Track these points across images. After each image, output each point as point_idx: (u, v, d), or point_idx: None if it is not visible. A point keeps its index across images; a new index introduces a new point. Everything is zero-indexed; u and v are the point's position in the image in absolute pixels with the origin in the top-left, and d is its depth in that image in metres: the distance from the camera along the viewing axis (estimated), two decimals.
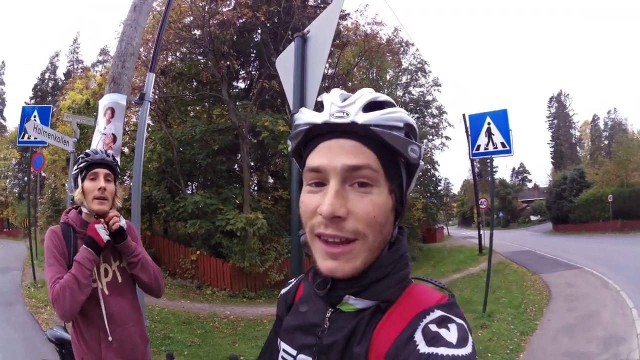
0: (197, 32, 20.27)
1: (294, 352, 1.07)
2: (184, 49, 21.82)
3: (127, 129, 21.75)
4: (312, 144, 0.99)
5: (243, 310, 13.66)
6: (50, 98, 55.36)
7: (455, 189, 76.21)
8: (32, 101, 57.05)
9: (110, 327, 2.47)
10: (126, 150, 20.48)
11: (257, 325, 11.44)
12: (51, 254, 2.47)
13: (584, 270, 15.94)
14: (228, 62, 18.84)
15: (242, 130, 18.35)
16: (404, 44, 28.57)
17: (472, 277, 17.87)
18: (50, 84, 59.87)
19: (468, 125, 12.55)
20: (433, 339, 0.85)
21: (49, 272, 2.44)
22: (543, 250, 24.49)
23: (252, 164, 21.56)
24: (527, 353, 7.63)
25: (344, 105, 0.95)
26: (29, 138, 9.58)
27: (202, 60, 21.56)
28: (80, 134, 10.89)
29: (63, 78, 57.18)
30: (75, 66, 57.96)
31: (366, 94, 0.97)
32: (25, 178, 20.75)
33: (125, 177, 19.76)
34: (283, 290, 1.28)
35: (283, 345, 1.12)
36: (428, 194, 34.57)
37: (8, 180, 52.73)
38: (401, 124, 0.93)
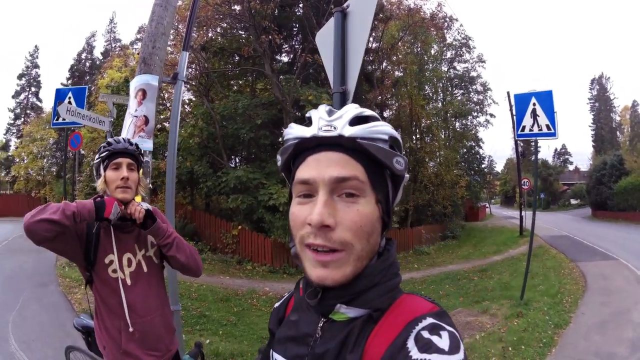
0: (237, 8, 20.14)
1: None
2: (225, 25, 21.71)
3: (167, 104, 21.95)
4: (301, 158, 1.01)
5: (282, 287, 13.49)
6: (88, 77, 56.29)
7: (499, 167, 75.44)
8: (69, 82, 57.74)
9: (132, 317, 2.46)
10: (167, 125, 20.55)
11: None
12: None
13: (619, 263, 15.43)
14: (270, 37, 18.67)
15: (285, 105, 18.18)
16: (447, 19, 28.57)
17: (512, 261, 17.43)
18: (87, 64, 60.66)
19: (513, 104, 12.20)
20: (425, 346, 0.85)
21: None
22: (581, 237, 23.91)
23: None
24: (558, 348, 7.35)
25: (331, 120, 0.98)
26: (63, 120, 9.60)
27: (243, 35, 21.46)
28: (120, 112, 10.83)
29: (101, 57, 58.34)
30: (113, 45, 58.80)
31: (352, 109, 1.00)
32: (64, 157, 21.16)
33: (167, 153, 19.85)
34: (276, 305, 1.29)
35: (275, 356, 1.13)
36: (472, 172, 34.38)
37: (45, 160, 53.73)
38: (386, 137, 0.97)
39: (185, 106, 23.31)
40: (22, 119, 60.44)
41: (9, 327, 7.68)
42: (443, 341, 0.86)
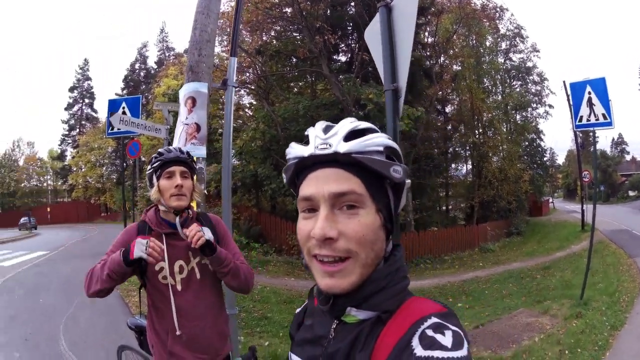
0: (288, 10, 20.27)
1: None
2: (278, 27, 21.82)
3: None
4: (302, 175, 1.04)
5: None
6: (144, 87, 58.43)
7: (560, 159, 73.89)
8: (124, 91, 60.28)
9: (180, 321, 2.51)
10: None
11: None
12: (113, 246, 2.57)
13: None
14: (324, 37, 18.64)
15: (346, 104, 18.08)
16: (498, 9, 28.07)
17: (574, 257, 16.79)
18: (142, 74, 62.88)
19: (569, 93, 11.74)
20: (429, 343, 0.87)
21: (102, 259, 2.53)
22: (639, 230, 22.84)
23: None
24: (612, 352, 6.92)
25: (326, 137, 1.00)
26: (118, 129, 9.75)
27: (297, 37, 21.50)
28: (176, 120, 10.87)
29: (155, 66, 60.36)
30: (167, 54, 60.58)
31: (347, 124, 1.02)
32: (124, 164, 21.70)
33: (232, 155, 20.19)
34: (297, 310, 1.32)
35: (293, 357, 1.18)
36: (534, 165, 33.59)
37: (104, 168, 56.18)
38: (381, 148, 0.99)
39: (246, 110, 23.64)
40: (77, 130, 62.96)
41: (60, 329, 7.84)
42: (446, 339, 0.87)
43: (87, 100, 65.11)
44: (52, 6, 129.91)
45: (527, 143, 32.87)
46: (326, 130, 1.02)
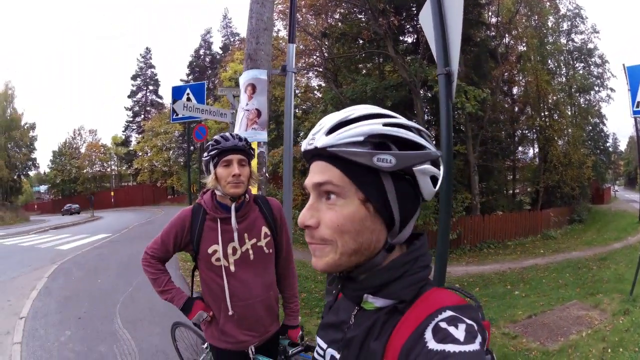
0: None
1: (324, 346, 1.20)
2: (342, 10, 21.77)
3: (297, 91, 22.27)
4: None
5: None
6: (210, 72, 60.03)
7: (622, 146, 70.97)
8: (190, 77, 61.59)
9: (232, 301, 2.61)
10: (299, 112, 21.39)
11: None
12: (166, 232, 2.71)
13: None
14: (388, 19, 18.49)
15: (413, 86, 17.97)
16: None
17: (629, 249, 15.94)
18: (207, 59, 63.83)
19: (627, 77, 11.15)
20: (442, 336, 0.86)
21: (154, 241, 2.79)
22: None
23: (428, 118, 21.11)
24: None
25: (314, 133, 1.03)
26: (183, 115, 9.88)
27: (362, 19, 21.36)
28: None
29: (220, 52, 61.34)
30: (231, 39, 61.30)
31: (335, 116, 1.02)
32: (192, 147, 22.13)
33: (299, 139, 20.57)
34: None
35: (318, 341, 1.24)
36: (597, 151, 32.67)
37: (171, 152, 57.27)
38: (361, 138, 0.97)
39: (315, 92, 23.95)
40: (142, 116, 64.46)
41: (117, 308, 8.09)
42: (459, 332, 0.86)
43: (151, 87, 66.85)
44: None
45: (590, 127, 31.93)
46: (320, 125, 1.04)
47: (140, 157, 59.18)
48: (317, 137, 1.01)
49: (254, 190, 2.79)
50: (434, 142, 1.07)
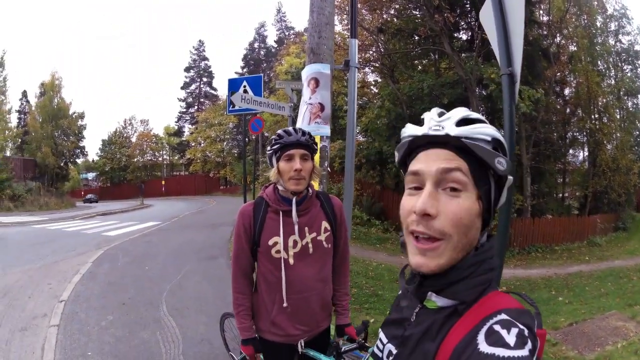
0: None
1: (385, 341, 1.21)
2: (397, 5, 21.76)
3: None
4: (414, 154, 1.10)
5: None
6: (265, 65, 60.77)
7: None
8: (245, 70, 62.82)
9: (288, 293, 2.60)
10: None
11: None
12: (237, 235, 2.69)
13: None
14: (443, 15, 18.59)
15: (469, 84, 17.97)
16: None
17: None
18: (261, 52, 65.02)
19: None
20: (493, 340, 0.88)
21: (234, 260, 2.75)
22: None
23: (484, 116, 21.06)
24: None
25: (440, 121, 1.05)
26: (239, 107, 9.97)
27: (418, 15, 21.36)
28: (300, 97, 11.02)
29: (275, 45, 62.17)
30: (286, 33, 62.20)
31: (460, 111, 1.07)
32: (247, 139, 22.51)
33: (355, 133, 20.60)
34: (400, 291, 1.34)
35: (381, 335, 1.25)
36: None
37: (225, 143, 57.97)
38: (489, 138, 1.02)
39: (371, 87, 23.92)
40: (196, 107, 65.82)
41: (163, 295, 8.09)
42: (510, 337, 0.87)
43: (205, 79, 67.99)
44: None
45: (637, 132, 30.63)
46: (440, 114, 1.08)
47: (193, 147, 60.05)
48: (447, 125, 1.03)
49: (315, 185, 2.82)
50: None
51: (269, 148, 2.62)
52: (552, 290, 11.72)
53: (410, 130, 1.11)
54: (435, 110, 1.10)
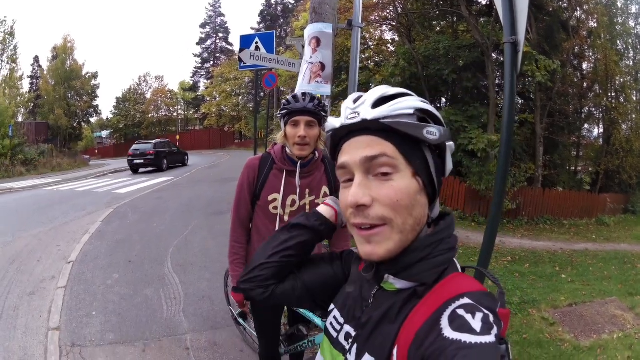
0: None
1: (342, 321, 1.20)
2: None
3: (370, 44, 22.64)
4: (339, 146, 1.09)
5: (467, 236, 13.32)
6: (282, 20, 60.97)
7: None
8: (261, 25, 62.48)
9: None
10: (371, 64, 21.69)
11: (474, 255, 10.72)
12: (240, 188, 2.83)
13: None
14: None
15: (485, 48, 17.81)
16: None
17: None
18: (279, 8, 64.28)
19: None
20: (458, 325, 0.86)
21: (234, 209, 2.89)
22: None
23: (499, 82, 20.81)
24: None
25: (355, 107, 1.04)
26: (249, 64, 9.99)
27: None
28: None
29: (292, 1, 61.67)
30: None
31: (375, 92, 1.04)
32: (262, 94, 22.61)
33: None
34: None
35: (335, 313, 1.25)
36: None
37: (240, 97, 58.02)
38: (411, 111, 0.99)
39: (389, 45, 23.83)
40: (212, 62, 65.84)
41: (169, 252, 8.37)
42: (476, 322, 0.86)
43: (220, 35, 67.94)
44: None
45: None
46: (356, 100, 1.06)
47: (208, 102, 60.09)
48: (363, 110, 1.02)
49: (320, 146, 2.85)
50: None
51: (278, 112, 2.71)
52: (556, 266, 11.61)
53: (330, 122, 1.11)
54: (352, 97, 1.09)
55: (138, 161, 26.17)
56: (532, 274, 10.25)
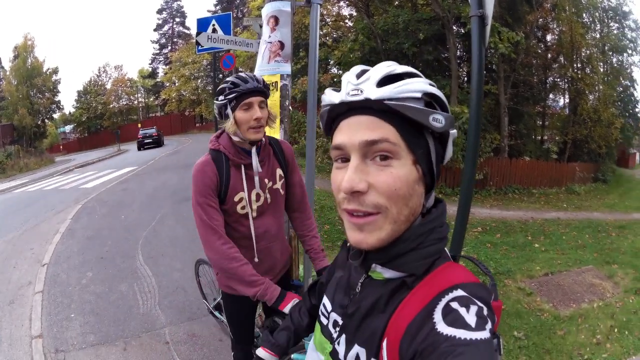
0: None
1: (330, 308, 1.19)
2: None
3: (327, 20, 22.65)
4: (336, 123, 1.01)
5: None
6: (238, 1, 59.71)
7: None
8: (218, 7, 61.70)
9: (258, 248, 2.60)
10: (329, 40, 21.98)
11: None
12: (200, 194, 2.44)
13: None
14: None
15: (446, 21, 17.89)
16: None
17: None
18: None
19: None
20: (452, 319, 0.84)
21: (204, 226, 2.43)
22: None
23: (460, 54, 21.00)
24: None
25: (358, 83, 0.95)
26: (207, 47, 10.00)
27: None
28: None
29: None
30: None
31: (382, 68, 0.96)
32: (220, 76, 22.55)
33: (329, 66, 21.68)
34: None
35: (324, 300, 1.24)
36: (627, 114, 32.07)
37: (199, 80, 57.49)
38: (418, 95, 0.92)
39: (346, 21, 23.96)
40: (169, 48, 65.41)
41: (139, 244, 8.40)
42: (470, 316, 0.83)
43: (177, 20, 67.26)
44: None
45: (621, 89, 31.35)
46: (360, 75, 0.98)
47: (167, 87, 59.73)
48: (366, 88, 0.94)
49: (277, 124, 2.82)
50: None
51: (221, 97, 2.41)
52: (528, 235, 11.74)
53: (328, 97, 1.02)
54: (355, 70, 1.01)
55: (147, 141, 37.63)
56: (505, 244, 10.33)
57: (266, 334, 1.55)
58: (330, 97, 1.00)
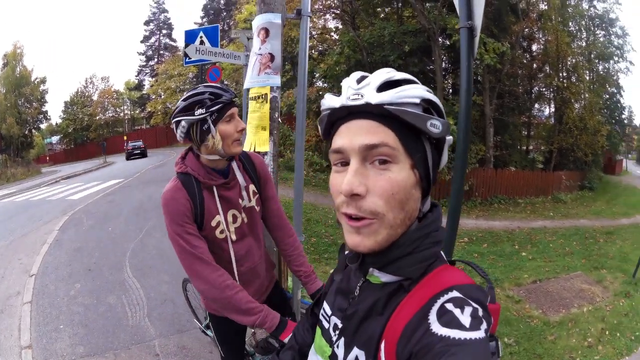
0: None
1: (329, 312, 1.20)
2: None
3: (314, 33, 22.78)
4: (335, 127, 1.03)
5: None
6: (225, 14, 60.24)
7: (637, 120, 70.44)
8: (204, 20, 62.30)
9: (239, 271, 2.44)
10: (315, 53, 22.08)
11: None
12: (178, 223, 2.21)
13: None
14: None
15: (432, 33, 17.99)
16: None
17: (637, 228, 15.73)
18: (221, 1, 63.46)
19: None
20: (447, 320, 0.84)
21: (183, 242, 2.22)
22: None
23: (445, 66, 21.15)
24: None
25: (359, 88, 0.97)
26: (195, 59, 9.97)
27: None
28: None
29: None
30: None
31: (382, 74, 0.99)
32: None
33: (314, 80, 21.41)
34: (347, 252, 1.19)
35: (324, 305, 1.25)
36: (613, 121, 32.57)
37: (185, 93, 57.54)
38: (417, 100, 0.94)
39: (332, 34, 24.08)
40: (156, 60, 65.18)
41: (127, 256, 8.31)
42: (465, 317, 0.83)
43: (164, 32, 67.12)
44: None
45: (607, 96, 31.73)
46: (360, 80, 0.99)
47: (153, 100, 59.40)
48: (367, 92, 0.95)
49: (267, 136, 2.81)
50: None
51: (200, 111, 2.18)
52: (515, 245, 11.80)
53: (328, 101, 1.04)
54: (355, 75, 1.03)
55: (136, 152, 40.71)
56: (492, 254, 10.39)
57: (274, 356, 1.54)
58: (331, 101, 1.02)
